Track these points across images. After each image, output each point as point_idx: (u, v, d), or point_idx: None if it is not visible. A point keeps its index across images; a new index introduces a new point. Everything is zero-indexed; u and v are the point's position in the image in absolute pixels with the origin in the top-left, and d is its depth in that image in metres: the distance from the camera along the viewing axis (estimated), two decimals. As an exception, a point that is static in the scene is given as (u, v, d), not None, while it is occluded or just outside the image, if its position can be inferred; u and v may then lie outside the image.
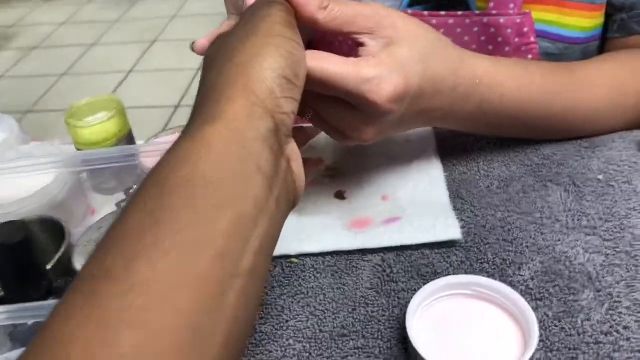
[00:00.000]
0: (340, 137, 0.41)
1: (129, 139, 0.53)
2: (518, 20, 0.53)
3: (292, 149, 0.32)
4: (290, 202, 0.31)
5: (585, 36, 0.56)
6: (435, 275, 0.41)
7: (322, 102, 0.39)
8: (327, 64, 0.35)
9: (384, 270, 0.42)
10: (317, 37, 0.48)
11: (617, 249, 0.41)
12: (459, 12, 0.55)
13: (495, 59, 0.45)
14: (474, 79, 0.42)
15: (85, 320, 0.22)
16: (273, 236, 0.29)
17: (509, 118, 0.46)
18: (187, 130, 0.28)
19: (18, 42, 3.33)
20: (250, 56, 0.30)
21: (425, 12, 0.56)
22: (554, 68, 0.49)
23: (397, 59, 0.37)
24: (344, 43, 0.39)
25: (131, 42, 3.20)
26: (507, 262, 0.41)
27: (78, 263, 0.42)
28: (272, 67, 0.30)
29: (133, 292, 0.22)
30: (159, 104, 2.52)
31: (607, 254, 0.40)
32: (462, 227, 0.44)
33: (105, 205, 0.50)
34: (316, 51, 0.36)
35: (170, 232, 0.24)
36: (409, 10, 0.58)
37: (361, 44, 0.38)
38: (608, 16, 0.56)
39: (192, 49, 0.42)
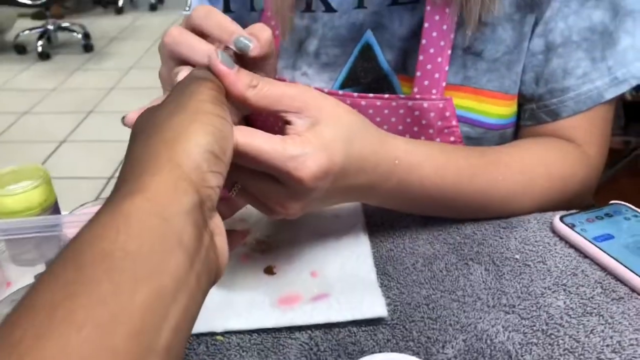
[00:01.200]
0: (266, 211, 0.42)
1: (54, 209, 0.52)
2: (440, 105, 0.57)
3: (217, 223, 0.32)
4: (211, 278, 0.31)
5: (501, 123, 0.60)
6: (362, 353, 0.41)
7: (249, 177, 0.40)
8: (255, 140, 0.36)
9: (311, 349, 0.41)
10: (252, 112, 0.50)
11: (534, 327, 0.42)
12: (386, 95, 0.58)
13: (414, 141, 0.48)
14: (394, 160, 0.45)
15: None
16: (192, 313, 0.28)
17: (428, 197, 0.49)
18: (108, 204, 0.28)
19: (-56, 106, 3.22)
20: (177, 132, 0.31)
21: (355, 94, 0.60)
22: (469, 151, 0.52)
23: (322, 139, 0.39)
24: (277, 120, 0.41)
25: (66, 112, 3.15)
26: (432, 340, 0.42)
27: (-15, 341, 0.39)
28: (199, 143, 0.31)
29: None
30: (91, 175, 2.46)
31: (525, 333, 0.42)
32: (388, 304, 0.44)
33: (23, 278, 0.47)
34: (245, 127, 0.37)
35: (85, 306, 0.23)
36: (340, 92, 0.61)
37: (288, 122, 0.40)
38: (520, 106, 0.61)
39: (123, 123, 0.42)
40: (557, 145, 0.58)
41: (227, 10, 0.67)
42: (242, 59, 0.41)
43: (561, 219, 0.52)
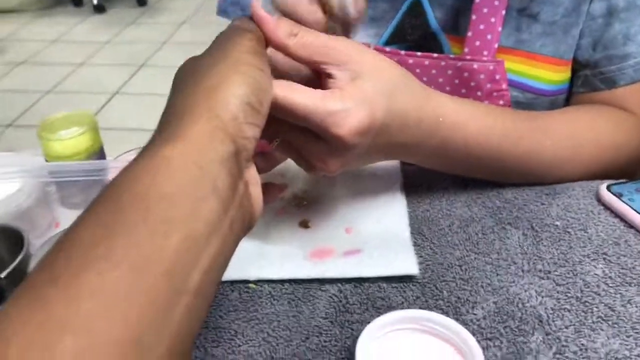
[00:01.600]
0: (306, 167, 0.42)
1: (100, 155, 0.54)
2: (491, 68, 0.55)
3: (252, 174, 0.33)
4: (245, 226, 0.32)
5: (553, 89, 0.58)
6: (391, 308, 0.41)
7: (290, 131, 0.39)
8: (294, 94, 0.36)
9: (340, 301, 0.42)
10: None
11: (569, 294, 0.41)
12: (435, 55, 0.57)
13: (460, 100, 0.47)
14: (438, 117, 0.44)
15: (25, 323, 0.22)
16: (224, 258, 0.29)
17: (471, 158, 0.48)
18: (147, 149, 0.29)
19: (5, 57, 3.33)
20: (216, 82, 0.31)
21: (403, 52, 0.58)
22: (516, 115, 0.51)
23: (364, 93, 0.38)
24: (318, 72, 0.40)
25: (119, 65, 3.22)
26: (462, 300, 0.42)
27: (34, 275, 0.41)
28: (237, 94, 0.31)
29: (79, 300, 0.22)
30: (141, 127, 2.52)
31: (559, 298, 0.41)
32: (420, 263, 0.44)
33: (70, 219, 0.50)
34: (285, 81, 0.36)
35: (123, 246, 0.24)
36: (387, 49, 0.60)
37: (329, 75, 0.39)
38: (574, 72, 0.58)
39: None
40: (610, 113, 0.55)
41: None
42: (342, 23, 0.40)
43: (608, 187, 0.50)
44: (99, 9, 4.08)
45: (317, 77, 0.41)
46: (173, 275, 0.25)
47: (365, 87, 0.39)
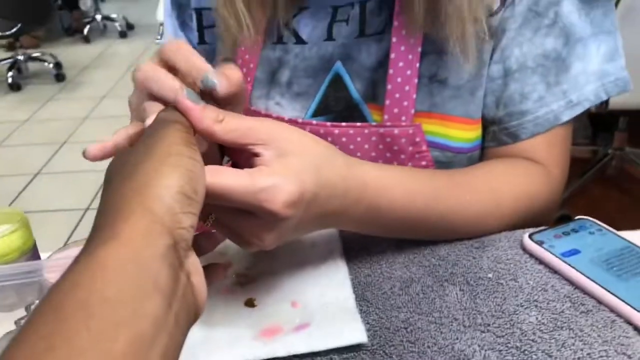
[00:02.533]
0: (242, 243, 0.43)
1: (33, 253, 0.52)
2: (410, 132, 0.59)
3: (193, 262, 0.33)
4: (191, 318, 0.32)
5: (468, 146, 0.63)
6: (344, 380, 0.42)
7: (222, 212, 0.41)
8: (222, 178, 0.37)
9: (294, 379, 0.42)
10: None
11: (509, 345, 0.44)
12: (358, 124, 0.60)
13: (383, 166, 0.50)
14: (363, 184, 0.47)
15: None
16: (173, 354, 0.29)
17: (399, 220, 0.50)
18: (84, 252, 0.29)
19: None
20: (147, 176, 0.32)
21: (329, 123, 0.61)
22: (436, 174, 0.54)
23: (291, 168, 0.40)
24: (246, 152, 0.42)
25: (40, 143, 3.11)
26: (411, 363, 0.43)
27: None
28: (169, 185, 0.32)
29: None
30: (67, 208, 2.43)
31: (501, 350, 0.43)
32: (368, 329, 0.46)
33: (3, 323, 0.47)
34: (212, 166, 0.38)
35: (65, 357, 0.24)
36: (314, 122, 0.63)
37: (256, 154, 0.41)
38: (483, 128, 0.63)
39: (84, 156, 0.43)
40: (522, 165, 0.60)
41: (201, 42, 0.68)
42: (212, 98, 0.42)
43: (530, 236, 0.54)
44: (14, 87, 3.97)
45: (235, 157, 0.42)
46: None
47: (293, 162, 0.41)
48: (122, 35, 5.25)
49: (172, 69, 0.43)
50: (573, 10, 0.58)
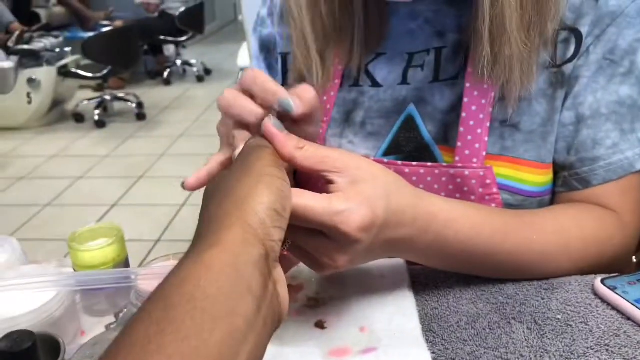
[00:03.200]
0: (316, 266, 0.46)
1: (125, 265, 0.57)
2: (481, 174, 0.60)
3: (279, 273, 0.36)
4: (275, 322, 0.35)
5: (539, 190, 0.63)
6: (409, 405, 0.43)
7: (300, 233, 0.44)
8: (303, 200, 0.41)
9: (360, 399, 0.44)
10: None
11: (578, 385, 0.43)
12: (429, 164, 0.63)
13: (450, 200, 0.52)
14: (431, 214, 0.49)
15: None
16: (260, 353, 0.32)
17: (465, 253, 0.52)
18: (190, 255, 0.33)
19: (7, 172, 3.42)
20: (245, 193, 0.36)
21: (400, 162, 0.64)
22: (504, 212, 0.55)
23: (364, 194, 0.43)
24: (320, 178, 0.46)
25: (118, 177, 3.30)
26: (476, 394, 0.43)
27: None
28: (263, 202, 0.36)
29: None
30: (140, 238, 2.54)
31: (568, 389, 0.43)
32: (433, 359, 0.47)
33: (95, 328, 0.52)
34: (295, 189, 0.41)
35: (174, 340, 0.28)
36: (385, 160, 0.65)
37: (331, 182, 0.44)
38: (555, 173, 0.64)
39: (183, 187, 0.49)
40: (592, 209, 0.60)
41: (284, 84, 0.74)
42: (290, 120, 0.46)
43: (602, 281, 0.54)
44: (100, 124, 4.26)
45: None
46: None
47: (365, 190, 0.44)
48: (200, 79, 5.55)
49: (251, 97, 0.48)
50: None
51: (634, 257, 0.72)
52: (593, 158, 0.60)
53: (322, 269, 0.46)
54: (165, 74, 5.50)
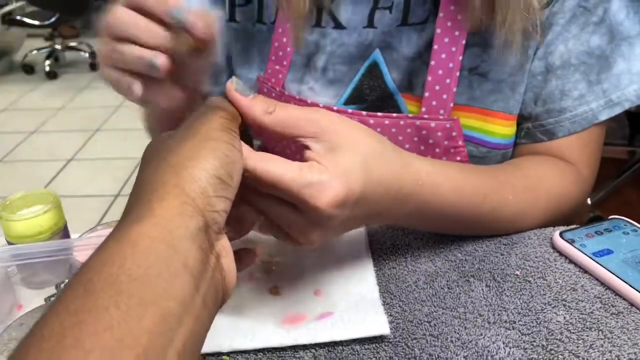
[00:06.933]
0: (289, 240, 0.42)
1: (64, 233, 0.53)
2: (448, 125, 0.58)
3: (223, 245, 0.33)
4: (218, 300, 0.32)
5: (505, 142, 0.61)
6: (365, 371, 0.42)
7: (270, 204, 0.40)
8: (271, 165, 0.37)
9: (315, 367, 0.42)
10: (265, 136, 0.50)
11: (535, 343, 0.43)
12: (394, 115, 0.60)
13: (435, 161, 0.49)
14: (418, 181, 0.45)
15: None
16: (199, 335, 0.29)
17: (444, 217, 0.50)
18: (116, 230, 0.29)
19: (-46, 127, 3.26)
20: (184, 158, 0.32)
21: (364, 113, 0.61)
22: (481, 172, 0.53)
23: (340, 165, 0.39)
24: (296, 147, 0.41)
25: (74, 130, 3.18)
26: (434, 357, 0.42)
27: (-3, 363, 0.40)
28: (205, 168, 0.32)
29: None
30: (98, 194, 2.48)
31: (526, 348, 0.42)
32: (390, 322, 0.45)
33: (33, 300, 0.48)
34: (262, 153, 0.37)
35: (93, 332, 0.24)
36: (349, 110, 0.62)
37: (306, 147, 0.40)
38: (517, 125, 0.62)
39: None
40: (555, 165, 0.59)
41: (231, 19, 0.68)
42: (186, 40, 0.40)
43: (561, 234, 0.53)
44: (51, 75, 4.06)
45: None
46: (147, 358, 0.25)
47: (342, 159, 0.39)
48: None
49: (142, 11, 0.40)
50: (622, 8, 0.56)
51: (588, 199, 0.73)
52: (560, 109, 0.58)
53: (295, 243, 0.42)
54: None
